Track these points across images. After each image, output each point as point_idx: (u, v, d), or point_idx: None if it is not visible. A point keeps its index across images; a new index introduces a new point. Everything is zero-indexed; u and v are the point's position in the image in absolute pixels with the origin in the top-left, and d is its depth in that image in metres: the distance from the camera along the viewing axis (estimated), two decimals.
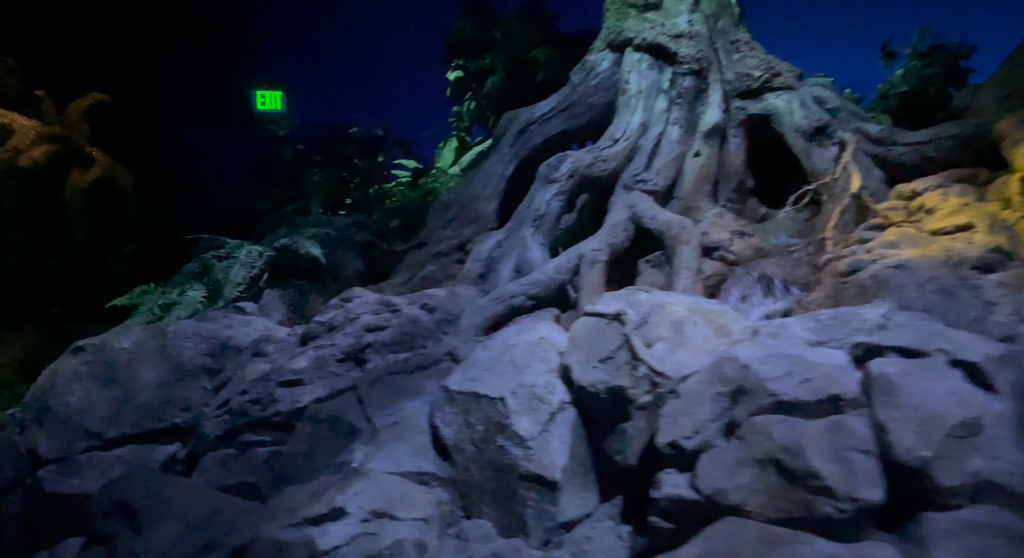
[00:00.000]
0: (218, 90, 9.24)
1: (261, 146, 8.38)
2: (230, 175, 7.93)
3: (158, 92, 7.68)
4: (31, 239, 6.20)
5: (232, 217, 8.15)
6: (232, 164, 8.06)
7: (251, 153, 7.95)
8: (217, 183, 7.70)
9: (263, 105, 9.91)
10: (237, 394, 3.50)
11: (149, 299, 4.49)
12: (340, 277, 5.25)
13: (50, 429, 3.80)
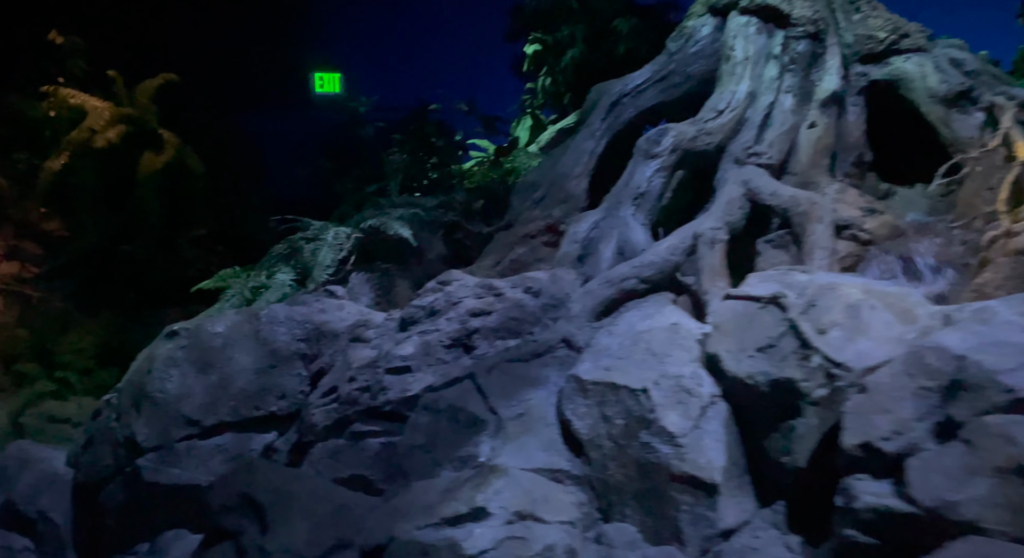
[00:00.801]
0: (279, 72, 9.13)
1: (333, 127, 8.25)
2: (300, 157, 7.83)
3: (219, 74, 7.57)
4: (105, 222, 6.19)
5: (302, 199, 8.06)
6: (300, 146, 7.95)
7: (323, 134, 7.83)
8: (285, 165, 7.61)
9: (321, 87, 9.78)
10: (344, 381, 3.32)
11: (237, 282, 4.37)
12: (424, 260, 5.05)
13: (148, 416, 3.70)
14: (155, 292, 6.18)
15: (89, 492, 3.65)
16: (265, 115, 8.38)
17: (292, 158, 8.06)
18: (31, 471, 3.61)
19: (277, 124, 8.42)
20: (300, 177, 7.68)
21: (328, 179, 5.93)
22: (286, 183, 7.61)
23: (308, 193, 7.94)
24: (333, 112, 9.51)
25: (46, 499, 3.54)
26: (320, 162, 5.99)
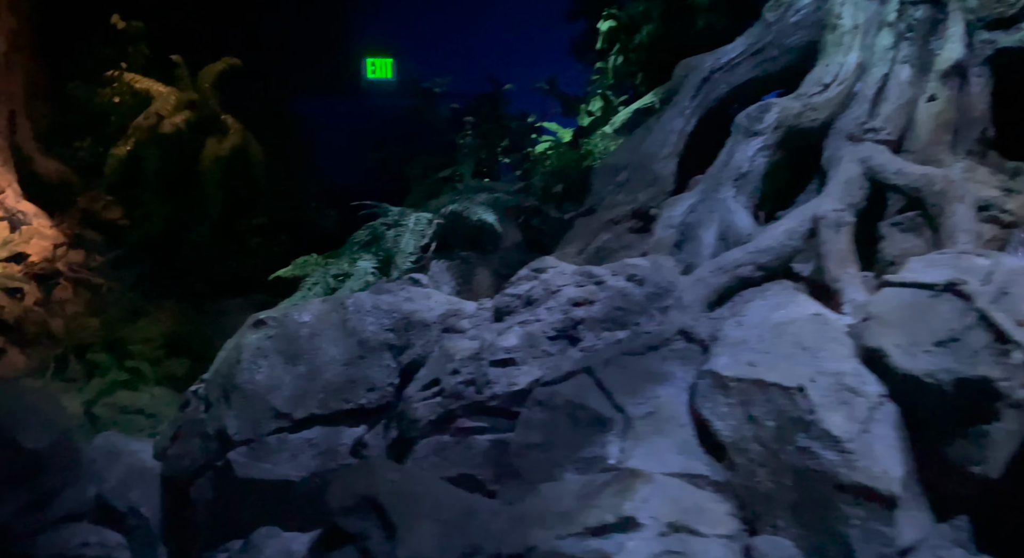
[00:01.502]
0: (332, 57, 8.98)
1: (391, 112, 8.10)
2: (355, 144, 7.69)
3: (272, 59, 7.44)
4: (169, 210, 6.13)
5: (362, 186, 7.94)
6: (354, 133, 7.82)
7: (378, 120, 7.69)
8: (341, 153, 7.49)
9: (373, 73, 9.61)
10: (447, 374, 3.13)
11: (317, 270, 4.22)
12: (501, 247, 4.85)
13: (238, 408, 3.56)
14: (219, 281, 6.12)
15: (179, 486, 3.54)
16: (318, 101, 8.25)
17: (347, 145, 7.94)
18: (119, 464, 3.51)
19: (331, 111, 8.30)
20: (359, 164, 7.54)
21: (392, 165, 5.75)
22: (344, 170, 7.49)
23: (368, 180, 7.80)
24: (385, 98, 9.36)
25: (136, 493, 3.45)
26: (390, 148, 5.80)
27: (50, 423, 3.17)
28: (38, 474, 3.05)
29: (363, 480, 2.38)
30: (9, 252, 5.61)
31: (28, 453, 3.02)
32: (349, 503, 2.33)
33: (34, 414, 3.14)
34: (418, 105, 6.07)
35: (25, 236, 5.71)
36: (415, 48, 9.61)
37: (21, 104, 6.81)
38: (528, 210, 4.63)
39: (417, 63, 9.61)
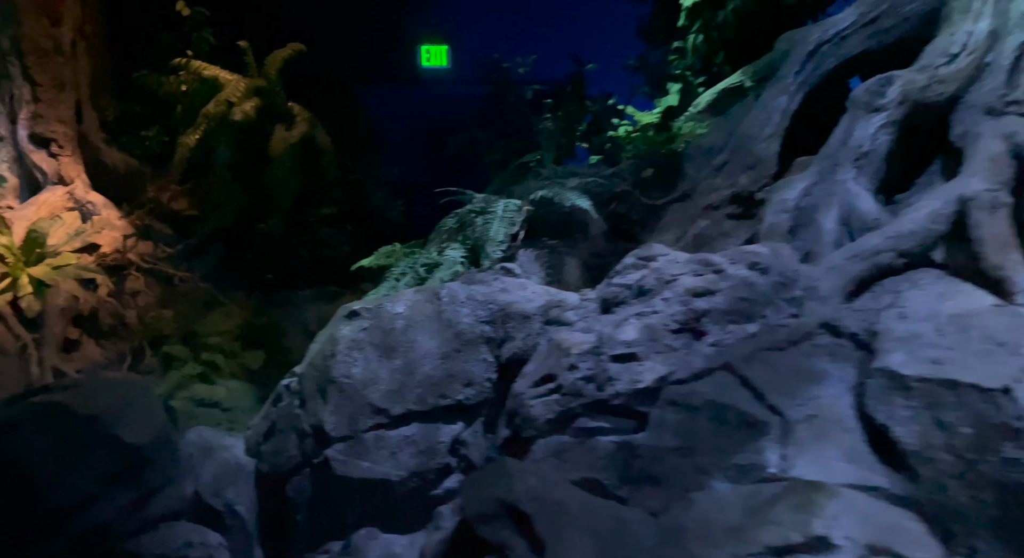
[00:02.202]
0: (389, 45, 8.81)
1: (453, 98, 7.91)
2: (414, 132, 7.53)
3: (329, 46, 7.28)
4: (238, 200, 6.04)
5: (431, 175, 7.77)
6: (413, 121, 7.65)
7: (436, 108, 7.50)
8: (402, 141, 7.33)
9: (428, 61, 9.41)
10: (563, 369, 2.92)
11: (402, 260, 4.04)
12: (588, 236, 4.60)
13: (335, 404, 3.41)
14: (290, 272, 6.02)
15: (274, 484, 3.41)
16: (375, 90, 8.09)
17: (409, 134, 7.78)
18: (213, 460, 3.40)
19: (388, 99, 8.14)
20: (423, 153, 7.38)
21: (468, 151, 5.54)
22: (407, 159, 7.33)
23: (434, 168, 7.63)
24: (441, 86, 9.16)
25: (232, 491, 3.33)
26: (471, 132, 5.60)
27: (150, 417, 3.06)
28: (141, 471, 2.93)
29: (499, 485, 2.17)
30: (82, 242, 5.60)
31: (130, 449, 2.91)
32: (487, 510, 2.13)
33: (133, 408, 3.03)
34: (498, 88, 5.84)
35: (97, 226, 5.69)
36: (471, 35, 9.39)
37: (87, 94, 6.80)
38: (620, 196, 4.38)
39: (473, 50, 9.40)
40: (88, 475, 2.82)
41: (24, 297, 4.88)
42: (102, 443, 2.87)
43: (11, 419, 2.82)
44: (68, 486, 2.77)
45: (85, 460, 2.83)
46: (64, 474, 2.77)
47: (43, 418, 2.83)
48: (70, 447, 2.82)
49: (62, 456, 2.79)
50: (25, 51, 6.15)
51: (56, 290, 5.02)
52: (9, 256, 4.98)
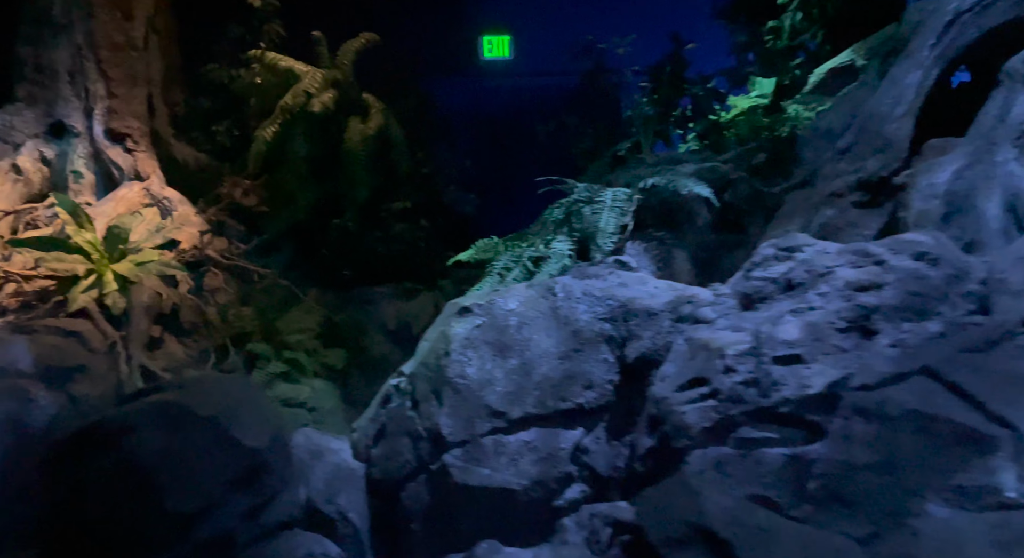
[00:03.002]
0: (451, 36, 8.62)
1: (511, 90, 7.69)
2: (480, 125, 7.33)
3: (396, 38, 7.10)
4: (313, 194, 5.90)
5: (503, 168, 7.56)
6: (478, 113, 7.45)
7: (501, 100, 7.29)
8: (476, 133, 7.14)
9: (490, 52, 9.18)
10: (718, 372, 2.64)
11: (503, 254, 3.81)
12: (695, 227, 4.30)
13: (451, 406, 3.19)
14: (366, 268, 5.86)
15: (388, 491, 3.21)
16: (439, 82, 7.90)
17: (478, 126, 7.57)
18: (323, 464, 3.22)
19: (453, 90, 7.94)
20: (494, 145, 7.17)
21: (555, 141, 5.29)
22: (478, 152, 7.13)
23: (507, 161, 7.42)
24: (504, 77, 8.92)
25: (344, 497, 3.14)
26: (562, 118, 5.35)
27: (265, 418, 2.89)
28: (260, 475, 2.77)
29: (686, 504, 1.92)
30: (163, 239, 5.52)
31: (250, 452, 2.74)
32: (675, 533, 1.88)
33: (249, 409, 2.87)
34: (592, 71, 5.55)
35: (177, 222, 5.61)
36: (533, 25, 9.13)
37: (158, 89, 6.75)
38: (733, 183, 4.07)
39: (535, 40, 9.14)
40: (210, 480, 2.66)
41: (109, 294, 4.80)
42: (222, 446, 2.71)
43: (130, 420, 2.68)
44: (191, 491, 2.61)
45: (206, 464, 2.68)
46: (186, 478, 2.62)
47: (163, 419, 2.68)
48: (191, 450, 2.67)
49: (183, 459, 2.64)
50: (99, 46, 6.11)
51: (140, 287, 4.94)
52: (94, 253, 4.91)
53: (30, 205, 5.53)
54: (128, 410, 2.78)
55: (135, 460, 2.64)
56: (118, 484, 2.62)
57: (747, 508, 2.00)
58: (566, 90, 7.41)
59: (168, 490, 2.62)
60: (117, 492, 2.62)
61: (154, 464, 2.64)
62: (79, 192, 6.03)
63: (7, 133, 5.88)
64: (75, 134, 6.09)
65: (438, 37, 8.36)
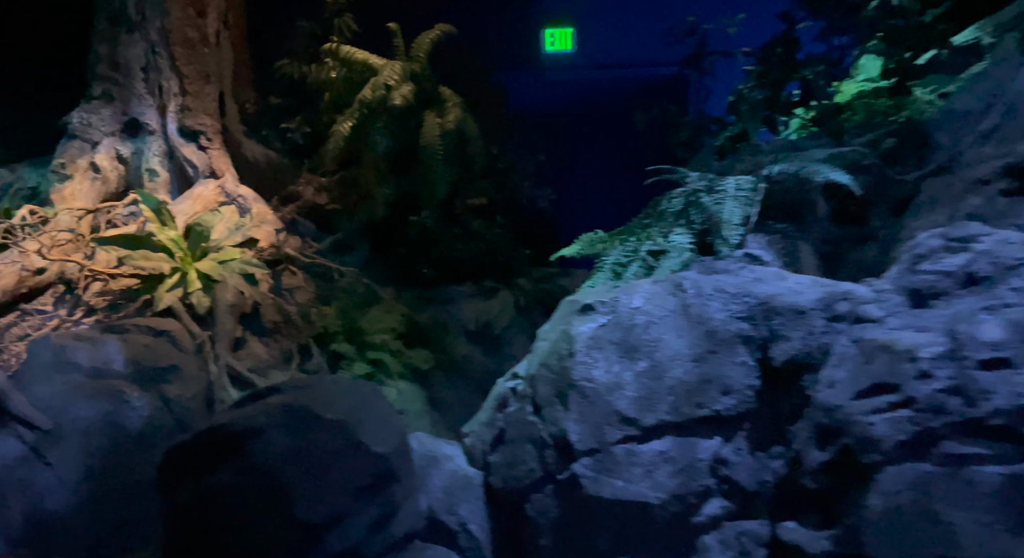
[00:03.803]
0: (514, 29, 8.43)
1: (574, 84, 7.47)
2: (560, 116, 7.13)
3: (468, 30, 6.91)
4: (390, 191, 5.75)
5: (580, 164, 7.34)
6: (557, 105, 7.25)
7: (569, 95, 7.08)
8: (548, 127, 6.94)
9: (552, 45, 8.96)
10: (912, 378, 2.35)
11: (617, 247, 3.56)
12: (816, 218, 3.99)
13: (578, 411, 2.95)
14: (446, 266, 5.67)
15: (511, 502, 2.99)
16: (504, 75, 7.70)
17: (549, 120, 7.36)
18: (440, 471, 3.01)
19: (520, 83, 7.74)
20: (567, 139, 6.96)
21: (657, 129, 5.03)
22: (552, 146, 6.92)
23: (582, 154, 7.19)
24: (567, 71, 8.69)
25: (464, 508, 2.93)
26: (664, 105, 5.08)
27: (389, 422, 2.69)
28: (387, 484, 2.57)
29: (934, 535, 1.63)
30: (242, 237, 5.43)
31: (378, 459, 2.55)
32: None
33: (372, 412, 2.68)
34: (692, 56, 5.28)
35: (256, 220, 5.52)
36: (595, 16, 8.88)
37: (228, 86, 6.70)
38: (866, 171, 3.74)
39: (598, 34, 8.88)
40: (339, 488, 2.48)
41: (193, 293, 4.71)
42: (350, 451, 2.53)
43: (255, 423, 2.52)
44: (320, 500, 2.43)
45: (334, 471, 2.50)
46: (315, 486, 2.44)
47: (289, 422, 2.51)
48: (318, 455, 2.49)
49: (311, 465, 2.46)
50: (172, 43, 6.05)
51: (224, 286, 4.83)
52: (177, 251, 4.82)
53: (109, 204, 5.50)
54: (252, 412, 2.61)
55: (262, 465, 2.47)
56: (245, 490, 2.46)
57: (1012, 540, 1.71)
58: (646, 81, 7.13)
59: (298, 498, 2.44)
60: (244, 499, 2.46)
61: (281, 470, 2.46)
62: (154, 190, 5.97)
63: (85, 131, 5.87)
64: (150, 132, 6.06)
65: (503, 30, 8.17)
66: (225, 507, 2.49)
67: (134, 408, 3.91)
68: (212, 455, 2.57)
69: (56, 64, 6.40)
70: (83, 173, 5.64)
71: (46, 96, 6.20)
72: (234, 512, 2.49)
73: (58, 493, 3.74)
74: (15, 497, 3.69)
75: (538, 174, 6.53)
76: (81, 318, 4.45)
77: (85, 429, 3.84)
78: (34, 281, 4.63)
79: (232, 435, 2.56)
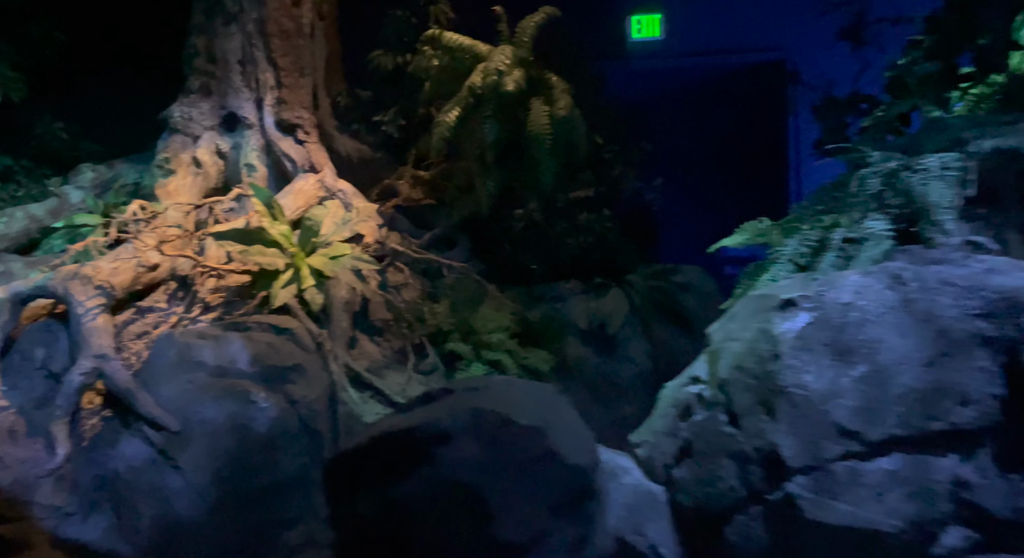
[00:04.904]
0: (598, 17, 8.07)
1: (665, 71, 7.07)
2: (660, 105, 6.77)
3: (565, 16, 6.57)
4: (495, 183, 5.46)
5: (681, 150, 6.95)
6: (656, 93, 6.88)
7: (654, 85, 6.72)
8: (649, 115, 6.59)
9: (639, 32, 8.56)
10: None
11: (793, 237, 3.17)
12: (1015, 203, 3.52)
13: (789, 422, 2.58)
14: (554, 262, 5.36)
15: (705, 523, 2.63)
16: (594, 63, 7.35)
17: (649, 108, 7.00)
18: (618, 485, 2.69)
19: (613, 71, 7.38)
20: (669, 128, 6.59)
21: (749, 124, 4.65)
22: (652, 135, 6.57)
23: (688, 144, 6.80)
24: (655, 59, 8.28)
25: (652, 528, 2.60)
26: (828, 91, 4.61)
27: (579, 431, 2.38)
28: (583, 500, 2.25)
29: None
30: (350, 232, 5.23)
31: (575, 472, 2.23)
32: None
33: (561, 418, 2.36)
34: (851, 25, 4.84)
35: (363, 215, 5.32)
36: (686, 1, 8.45)
37: (321, 79, 6.53)
38: None
39: (688, 18, 8.46)
40: (535, 504, 2.17)
41: (307, 289, 4.50)
42: (546, 463, 2.21)
43: (444, 428, 2.22)
44: (520, 518, 2.12)
45: (529, 484, 2.18)
46: (514, 502, 2.13)
47: (480, 428, 2.21)
48: (512, 466, 2.18)
49: (509, 478, 2.15)
50: (269, 34, 5.87)
51: (337, 282, 4.61)
52: (289, 246, 4.63)
53: (214, 198, 5.35)
54: (433, 416, 2.33)
55: (455, 476, 2.17)
56: (438, 503, 2.17)
57: None
58: (739, 68, 6.65)
59: (497, 514, 2.14)
60: (436, 512, 2.17)
61: (478, 481, 2.16)
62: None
63: (186, 125, 5.76)
64: (248, 126, 5.89)
65: (588, 17, 7.82)
66: (414, 521, 2.20)
67: (261, 409, 3.70)
68: (395, 462, 2.29)
69: (145, 60, 6.34)
70: (186, 168, 5.52)
71: (135, 93, 6.15)
72: (425, 527, 2.20)
73: (186, 497, 3.56)
74: (144, 502, 3.52)
75: (643, 164, 6.16)
76: (199, 315, 4.27)
77: (212, 431, 3.65)
78: (149, 277, 4.49)
79: (417, 441, 2.27)
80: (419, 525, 2.24)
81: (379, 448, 2.39)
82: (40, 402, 3.83)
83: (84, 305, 3.98)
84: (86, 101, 6.36)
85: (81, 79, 6.34)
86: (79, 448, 3.71)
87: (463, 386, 2.58)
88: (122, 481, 3.61)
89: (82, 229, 5.12)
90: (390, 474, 2.29)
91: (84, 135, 6.40)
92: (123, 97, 6.28)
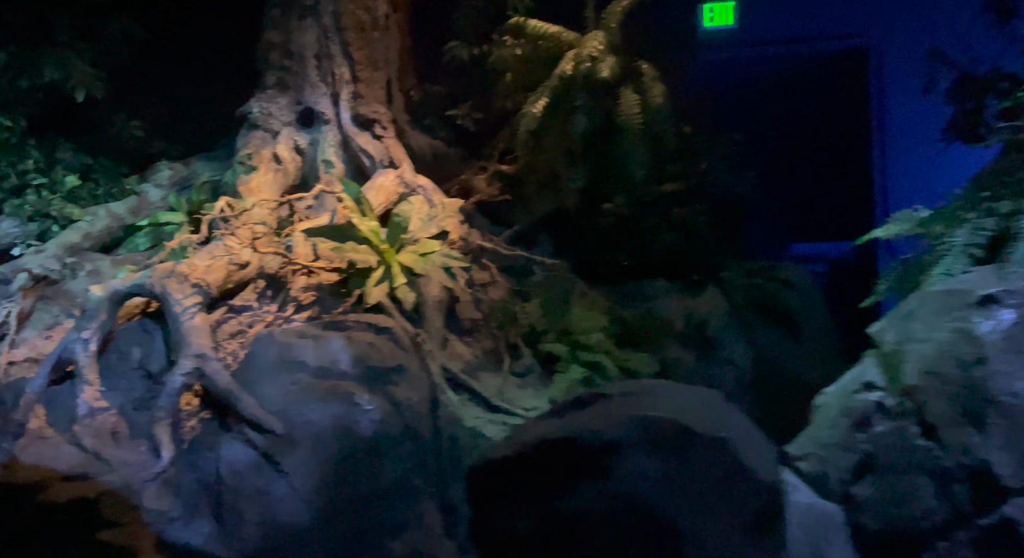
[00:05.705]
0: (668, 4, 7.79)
1: None
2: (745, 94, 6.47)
3: None
4: (582, 176, 5.23)
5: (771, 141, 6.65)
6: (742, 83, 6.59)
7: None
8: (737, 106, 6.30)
9: (711, 21, 8.23)
10: None
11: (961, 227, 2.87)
12: None
13: (1002, 435, 2.30)
14: (646, 259, 5.11)
15: (899, 548, 2.35)
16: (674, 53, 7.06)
17: (736, 98, 6.71)
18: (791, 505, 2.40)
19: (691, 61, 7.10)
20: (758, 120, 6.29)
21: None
22: (740, 127, 6.27)
23: (777, 136, 6.48)
24: (729, 48, 7.95)
25: (834, 552, 2.34)
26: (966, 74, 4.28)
27: (762, 442, 2.14)
28: (776, 521, 2.04)
29: None
30: (437, 228, 5.06)
31: (765, 489, 1.99)
32: None
33: (743, 428, 2.13)
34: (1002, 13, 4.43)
35: (448, 211, 5.16)
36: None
37: (395, 73, 6.39)
38: None
39: (763, 5, 8.11)
40: (729, 525, 1.94)
41: (399, 287, 4.34)
42: (735, 479, 1.98)
43: (613, 437, 2.00)
44: (710, 540, 1.89)
45: (716, 502, 1.96)
46: (703, 523, 1.90)
47: (655, 438, 1.99)
48: (695, 482, 1.96)
49: (695, 496, 1.92)
50: (345, 27, 5.74)
51: (428, 280, 4.44)
52: (379, 243, 4.48)
53: (298, 195, 5.22)
54: (596, 424, 2.10)
55: (632, 491, 1.95)
56: (614, 521, 1.95)
57: None
58: (816, 56, 6.28)
59: (684, 536, 1.91)
60: (613, 531, 1.95)
61: (659, 498, 1.94)
62: (331, 182, 5.71)
63: (265, 121, 5.65)
64: (325, 121, 5.77)
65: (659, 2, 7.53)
66: (584, 539, 1.99)
67: (365, 412, 3.53)
68: (556, 474, 2.08)
69: (209, 58, 6.27)
70: (267, 164, 5.40)
71: (202, 90, 6.08)
72: (595, 545, 1.98)
73: (292, 503, 3.40)
74: (250, 508, 3.37)
75: (736, 156, 5.86)
76: (292, 314, 4.15)
77: (316, 434, 3.49)
78: (239, 275, 4.37)
79: (583, 451, 2.05)
80: (589, 543, 2.02)
81: (534, 457, 2.17)
82: (139, 403, 3.74)
83: (181, 304, 3.88)
84: (157, 98, 6.33)
85: (153, 76, 6.33)
86: (180, 451, 3.61)
87: (617, 390, 2.36)
88: (225, 485, 3.48)
89: (167, 227, 5.07)
90: (552, 487, 2.08)
91: (155, 133, 6.40)
92: (191, 94, 6.22)
